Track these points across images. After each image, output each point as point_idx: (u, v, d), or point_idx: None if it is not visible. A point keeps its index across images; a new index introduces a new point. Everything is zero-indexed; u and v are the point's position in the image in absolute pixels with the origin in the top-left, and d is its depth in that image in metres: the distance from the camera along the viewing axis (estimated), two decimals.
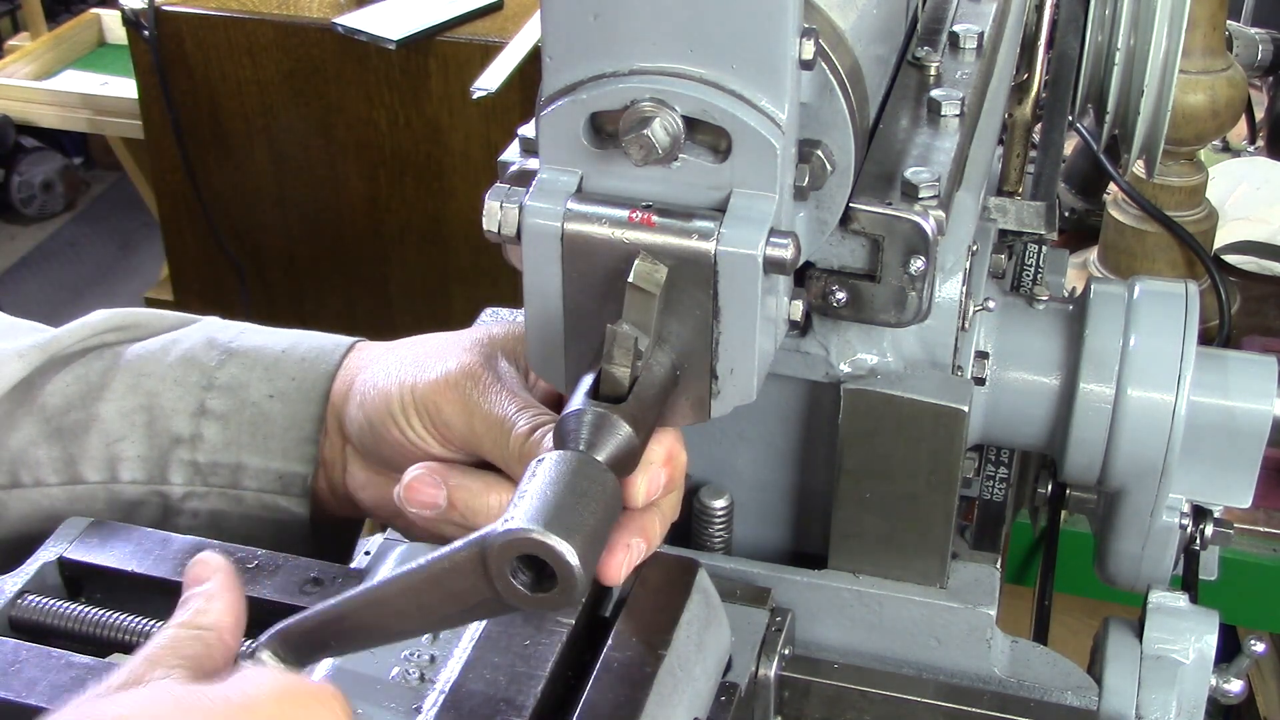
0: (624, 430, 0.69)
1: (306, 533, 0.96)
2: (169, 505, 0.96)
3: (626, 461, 0.70)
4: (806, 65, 0.69)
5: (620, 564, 0.76)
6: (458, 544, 0.64)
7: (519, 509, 0.62)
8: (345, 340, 0.97)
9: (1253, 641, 0.92)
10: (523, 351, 0.89)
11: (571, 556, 0.61)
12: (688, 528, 0.94)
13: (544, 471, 0.65)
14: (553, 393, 0.88)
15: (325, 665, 0.73)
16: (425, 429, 0.84)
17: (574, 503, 0.64)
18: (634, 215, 0.70)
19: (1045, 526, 1.31)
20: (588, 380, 0.71)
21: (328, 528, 0.98)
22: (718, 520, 0.93)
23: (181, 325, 1.00)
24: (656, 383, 0.71)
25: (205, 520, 0.96)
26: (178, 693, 0.61)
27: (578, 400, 0.70)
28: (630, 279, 0.69)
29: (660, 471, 0.76)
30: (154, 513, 0.96)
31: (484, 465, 0.84)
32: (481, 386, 0.83)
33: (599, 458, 0.68)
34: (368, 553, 1.02)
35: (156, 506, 0.95)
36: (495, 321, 0.97)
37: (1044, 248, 1.11)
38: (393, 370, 0.88)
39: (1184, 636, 0.93)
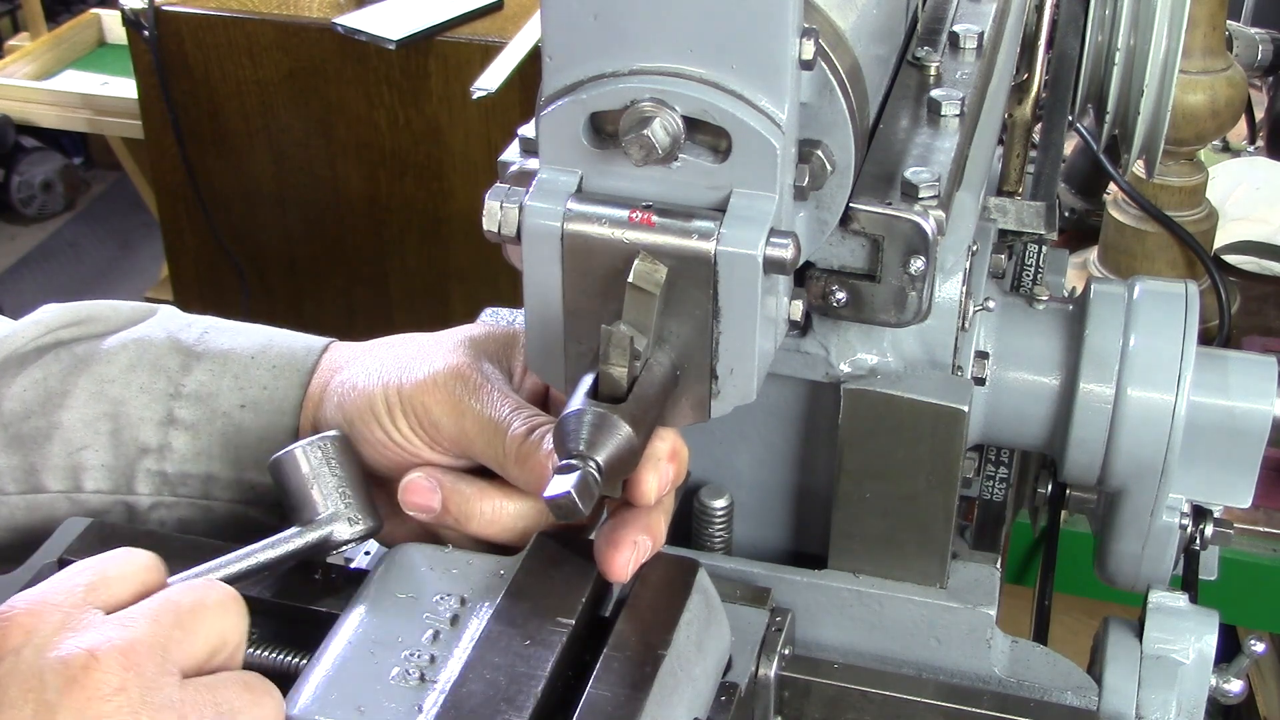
0: (624, 430, 0.69)
1: None
2: (135, 515, 0.93)
3: (626, 461, 0.70)
4: (806, 65, 0.69)
5: (627, 561, 0.76)
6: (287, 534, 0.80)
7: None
8: (318, 342, 0.95)
9: (1253, 641, 0.92)
10: (504, 353, 0.88)
11: None
12: (688, 528, 0.94)
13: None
14: (538, 393, 0.88)
15: (322, 669, 0.72)
16: (412, 429, 0.84)
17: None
18: (634, 215, 0.70)
19: (1045, 526, 1.30)
20: (587, 380, 0.71)
21: None
22: (718, 520, 0.93)
23: (137, 318, 0.96)
24: (656, 382, 0.71)
25: (172, 529, 0.94)
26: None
27: (577, 400, 0.70)
28: (630, 279, 0.69)
29: (668, 468, 0.76)
30: (118, 522, 0.93)
31: (475, 467, 0.84)
32: (471, 387, 0.83)
33: (599, 458, 0.68)
34: (368, 553, 1.02)
35: (121, 516, 0.93)
36: (490, 321, 0.97)
37: (1044, 248, 1.11)
38: (373, 371, 0.86)
39: (1184, 636, 0.93)
